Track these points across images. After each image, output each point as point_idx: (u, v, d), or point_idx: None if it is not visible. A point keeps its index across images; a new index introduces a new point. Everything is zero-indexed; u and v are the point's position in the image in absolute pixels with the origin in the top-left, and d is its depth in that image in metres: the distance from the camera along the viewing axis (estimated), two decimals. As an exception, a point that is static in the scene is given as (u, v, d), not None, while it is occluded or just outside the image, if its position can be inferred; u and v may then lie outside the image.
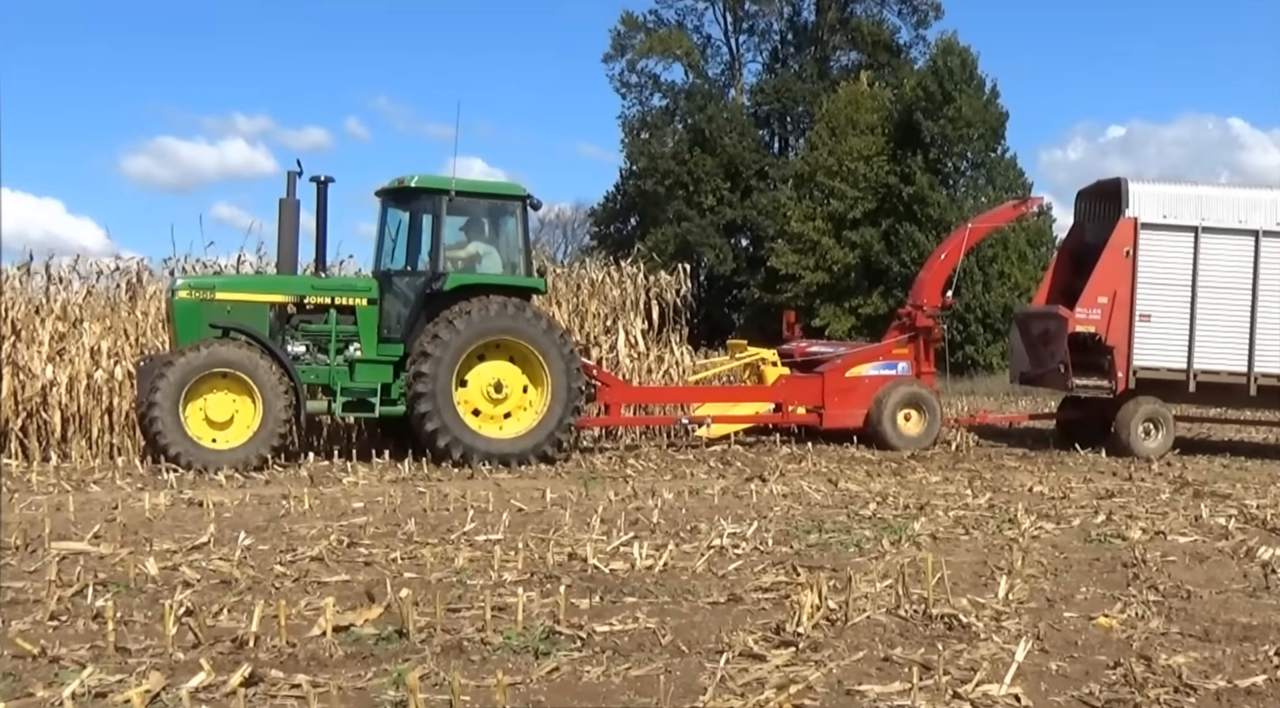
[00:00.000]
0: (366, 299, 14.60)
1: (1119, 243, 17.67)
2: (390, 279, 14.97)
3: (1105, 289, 17.60)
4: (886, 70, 51.05)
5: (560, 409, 14.49)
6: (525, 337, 14.36)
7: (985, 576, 8.01)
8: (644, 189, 50.76)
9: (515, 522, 9.92)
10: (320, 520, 9.90)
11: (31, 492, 11.64)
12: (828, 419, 18.04)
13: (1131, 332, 17.54)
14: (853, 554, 8.80)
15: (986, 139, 43.82)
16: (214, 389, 13.34)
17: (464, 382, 14.33)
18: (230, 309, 13.95)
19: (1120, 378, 17.56)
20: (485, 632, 6.16)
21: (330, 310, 14.42)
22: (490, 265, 15.10)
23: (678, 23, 55.82)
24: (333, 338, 14.33)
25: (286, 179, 14.48)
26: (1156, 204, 17.83)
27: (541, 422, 14.47)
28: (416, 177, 14.80)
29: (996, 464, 16.02)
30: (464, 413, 14.21)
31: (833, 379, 18.25)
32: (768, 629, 6.35)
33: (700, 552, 8.53)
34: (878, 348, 19.17)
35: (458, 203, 14.69)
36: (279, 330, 14.30)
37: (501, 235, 15.34)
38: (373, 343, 14.53)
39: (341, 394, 14.23)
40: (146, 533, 9.14)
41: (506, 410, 14.56)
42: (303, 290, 14.54)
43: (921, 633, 6.37)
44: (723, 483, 13.06)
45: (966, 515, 10.87)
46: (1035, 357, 18.95)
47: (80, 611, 6.54)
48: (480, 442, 14.16)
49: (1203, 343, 17.63)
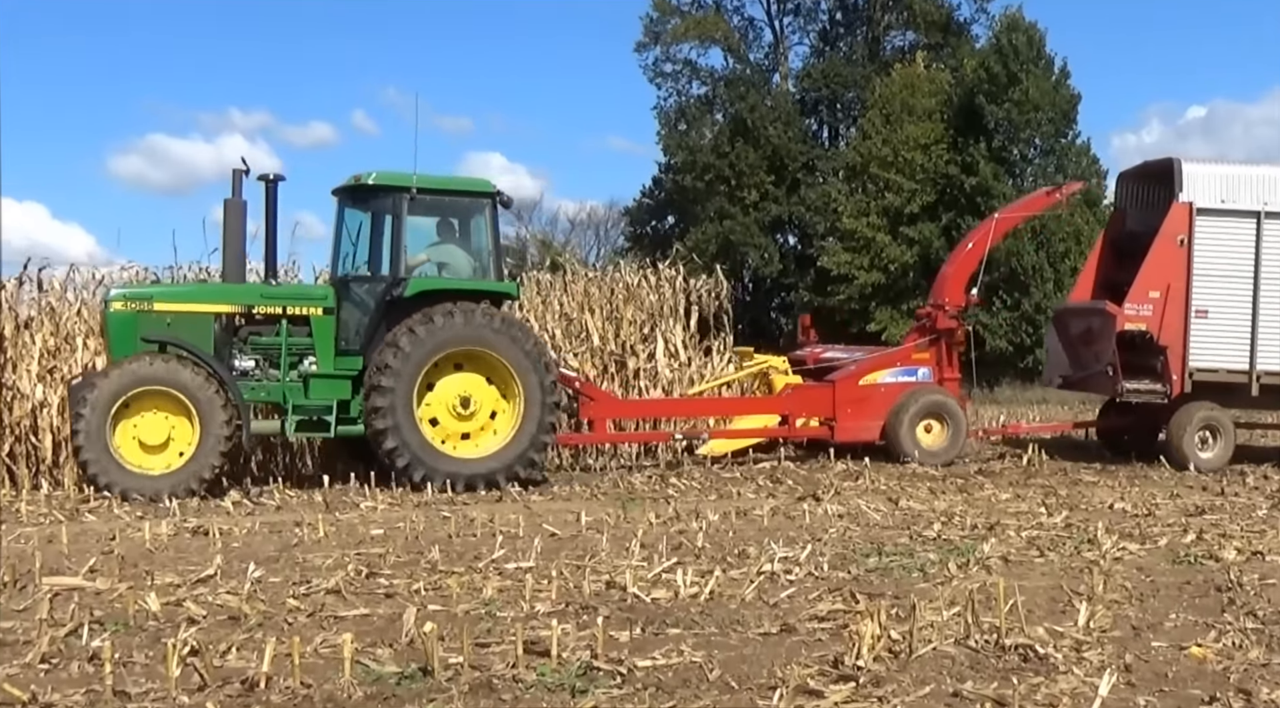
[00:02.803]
0: (322, 308, 14.43)
1: (1172, 230, 17.30)
2: (348, 286, 14.83)
3: (1157, 282, 17.23)
4: (945, 51, 50.78)
5: (534, 426, 14.24)
6: (494, 347, 14.13)
7: (1063, 602, 7.95)
8: (682, 185, 50.72)
9: (548, 548, 9.91)
10: (336, 549, 9.93)
11: (21, 523, 11.69)
12: (840, 432, 17.70)
13: (1187, 329, 17.19)
14: (916, 580, 8.76)
15: (1056, 123, 43.47)
16: (147, 409, 13.21)
17: (428, 394, 14.14)
18: (170, 321, 13.80)
19: (1175, 381, 17.19)
20: (517, 669, 6.15)
21: (282, 321, 14.29)
22: (458, 269, 14.94)
23: (715, 4, 55.80)
24: (283, 351, 14.21)
25: (232, 178, 14.38)
26: (1213, 187, 17.45)
27: (513, 440, 14.21)
28: (374, 173, 14.63)
29: (1072, 479, 15.89)
30: (427, 430, 14.02)
31: (845, 388, 17.92)
32: (825, 663, 6.32)
33: (749, 578, 8.50)
34: (895, 353, 18.89)
35: (420, 201, 14.47)
36: (225, 344, 14.21)
37: (469, 236, 15.16)
38: (329, 356, 14.35)
39: (294, 412, 14.03)
40: (147, 566, 9.18)
41: (474, 428, 14.34)
42: (251, 300, 14.42)
43: (994, 666, 6.31)
44: (773, 503, 13.02)
45: (1041, 536, 10.80)
46: (1077, 358, 18.63)
47: (75, 652, 6.57)
48: (444, 462, 13.94)
49: (1266, 341, 17.27)
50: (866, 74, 50.74)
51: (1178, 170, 17.55)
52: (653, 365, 19.01)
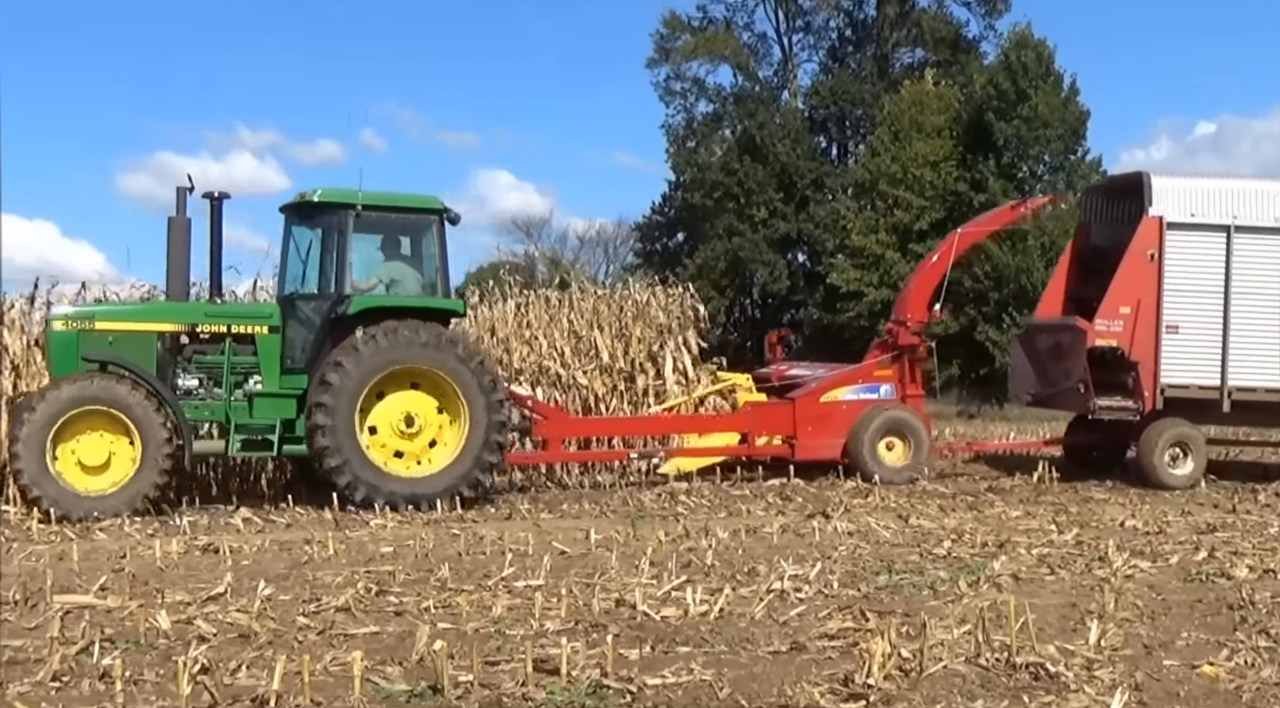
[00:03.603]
0: (267, 327, 14.28)
1: (1142, 245, 17.07)
2: (294, 304, 14.64)
3: (1128, 298, 16.99)
4: (954, 68, 50.86)
5: (479, 446, 14.03)
6: (439, 365, 13.94)
7: (1074, 620, 7.93)
8: (691, 202, 50.80)
9: (557, 565, 9.91)
10: (346, 567, 9.94)
11: (32, 541, 11.72)
12: (800, 450, 17.48)
13: (1158, 345, 16.96)
14: (927, 597, 8.74)
15: (1066, 140, 43.48)
16: (87, 429, 13.14)
17: (373, 413, 13.97)
18: (112, 340, 13.71)
19: (1147, 397, 16.96)
20: (526, 687, 6.16)
21: (226, 340, 14.17)
22: (406, 287, 14.75)
23: (725, 22, 55.91)
24: (226, 369, 14.08)
25: (176, 196, 14.30)
26: (1183, 201, 17.20)
27: (457, 460, 14.02)
28: (320, 190, 14.44)
29: (1083, 496, 15.86)
30: (369, 449, 13.81)
31: (805, 406, 17.72)
32: (835, 681, 6.31)
33: (759, 596, 8.49)
34: (857, 370, 18.60)
35: (366, 218, 14.29)
36: (169, 363, 14.10)
37: (416, 253, 14.96)
38: (275, 374, 14.19)
39: (237, 431, 13.87)
40: (157, 583, 9.20)
41: (419, 447, 14.13)
42: (195, 318, 14.27)
43: (1005, 684, 6.30)
44: (782, 520, 13.00)
45: (1051, 554, 10.78)
46: (1045, 375, 18.36)
47: (85, 670, 6.59)
48: (387, 481, 13.73)
49: (1237, 357, 17.05)
50: (875, 91, 50.82)
51: (1147, 184, 17.32)
52: (662, 382, 19.00)
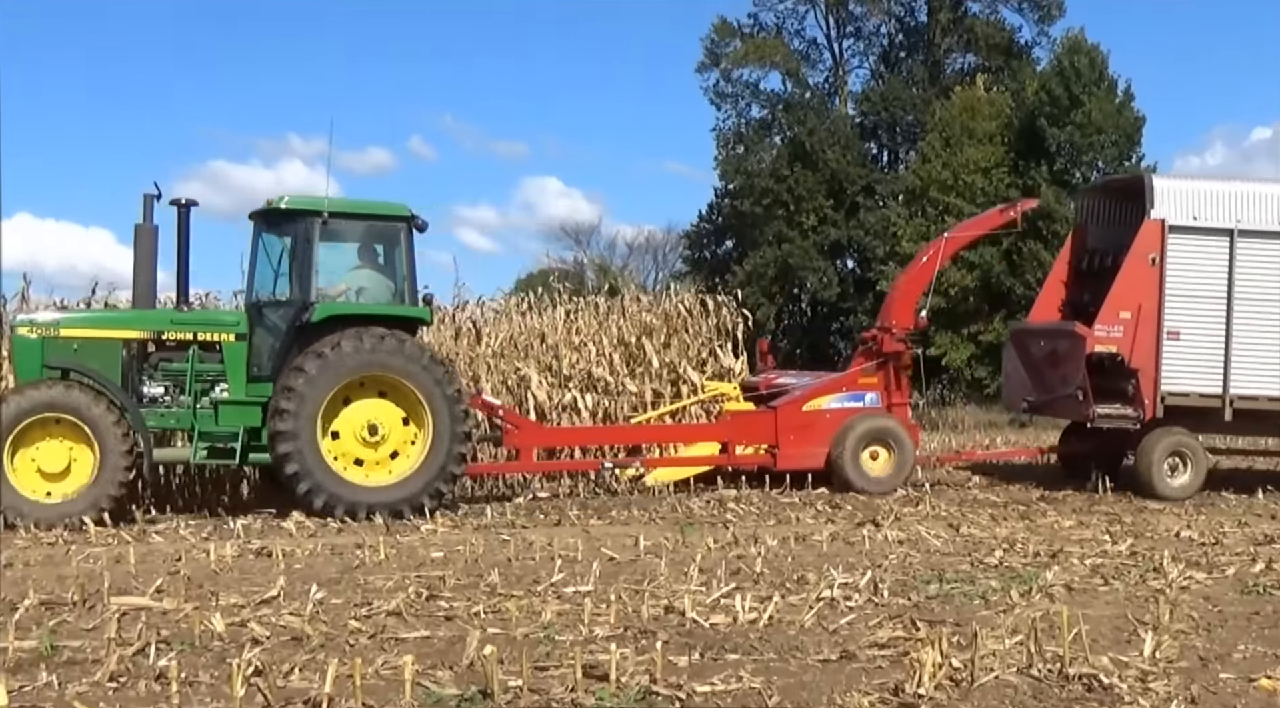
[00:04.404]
0: (234, 334, 14.23)
1: (1143, 249, 16.81)
2: (261, 311, 14.54)
3: (1128, 303, 16.72)
4: (1005, 73, 50.56)
5: (442, 456, 13.92)
6: (402, 373, 13.85)
7: (1128, 631, 7.87)
8: (740, 209, 50.71)
9: (606, 572, 9.93)
10: (397, 572, 10.01)
11: (90, 543, 11.85)
12: (782, 460, 17.23)
13: (1159, 351, 16.69)
14: (978, 607, 8.70)
15: (1120, 146, 43.08)
16: (47, 437, 13.08)
17: (334, 424, 13.89)
18: (77, 347, 13.67)
19: (1147, 405, 16.69)
20: (576, 692, 6.17)
21: (191, 347, 14.12)
22: (376, 294, 14.64)
23: (776, 27, 55.82)
24: (190, 377, 13.98)
25: (143, 203, 14.24)
26: (1186, 203, 16.92)
27: (419, 469, 13.91)
28: (287, 197, 14.43)
29: (1137, 506, 15.72)
30: (331, 457, 13.72)
31: (787, 414, 17.43)
32: (885, 690, 6.29)
33: (809, 604, 8.48)
34: (841, 378, 18.30)
35: (333, 226, 14.24)
36: (134, 370, 14.08)
37: (383, 260, 14.90)
38: (241, 382, 14.12)
39: (200, 439, 13.80)
40: (212, 586, 9.30)
41: (381, 456, 14.02)
42: (161, 326, 14.22)
43: (1057, 695, 6.26)
44: (832, 528, 12.98)
45: (1105, 564, 10.70)
46: (1041, 381, 18.02)
47: (142, 671, 6.66)
48: (348, 490, 13.63)
49: (1240, 364, 16.77)
50: (926, 97, 50.56)
51: (1149, 186, 17.09)
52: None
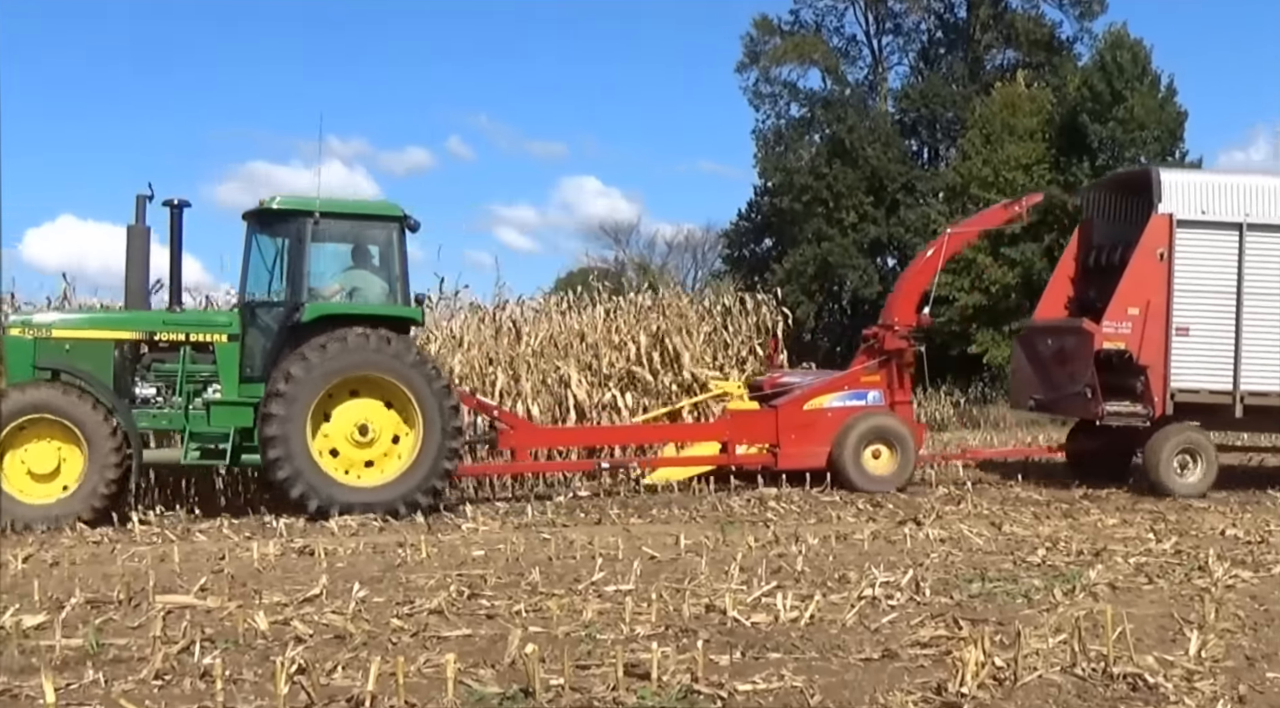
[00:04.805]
0: (226, 335, 14.17)
1: (1151, 244, 16.55)
2: (254, 312, 14.50)
3: (1136, 299, 16.47)
4: (1046, 69, 50.26)
5: (433, 456, 13.85)
6: (393, 373, 13.78)
7: (1173, 630, 7.81)
8: (780, 207, 50.56)
9: (647, 570, 9.94)
10: (439, 570, 10.05)
11: (135, 542, 11.98)
12: (783, 459, 17.03)
13: (1168, 348, 16.43)
14: (1021, 606, 8.65)
15: (1163, 142, 42.71)
16: (37, 438, 13.06)
17: (326, 425, 13.82)
18: (69, 348, 13.65)
19: (1157, 402, 16.45)
20: (617, 691, 6.18)
21: (183, 348, 14.10)
22: (370, 294, 14.57)
23: (815, 25, 55.68)
24: (181, 377, 13.96)
25: (135, 203, 14.21)
26: (1193, 197, 16.68)
27: (410, 469, 13.83)
28: (279, 197, 14.45)
29: (1182, 505, 15.57)
30: (322, 458, 13.65)
31: (789, 413, 17.23)
32: (927, 689, 6.27)
33: (850, 603, 8.45)
34: (843, 376, 17.99)
35: (325, 226, 14.16)
36: (126, 371, 14.08)
37: (375, 260, 14.81)
38: (234, 383, 14.08)
39: (191, 440, 13.77)
40: (255, 585, 9.37)
41: (372, 456, 13.94)
42: (153, 326, 14.21)
43: (1102, 695, 6.22)
44: (873, 527, 12.93)
45: (1149, 563, 10.62)
46: (1049, 379, 17.75)
47: (187, 668, 6.72)
48: (340, 491, 13.53)
49: (1250, 360, 16.55)
50: (967, 93, 50.28)
51: (1156, 180, 16.83)
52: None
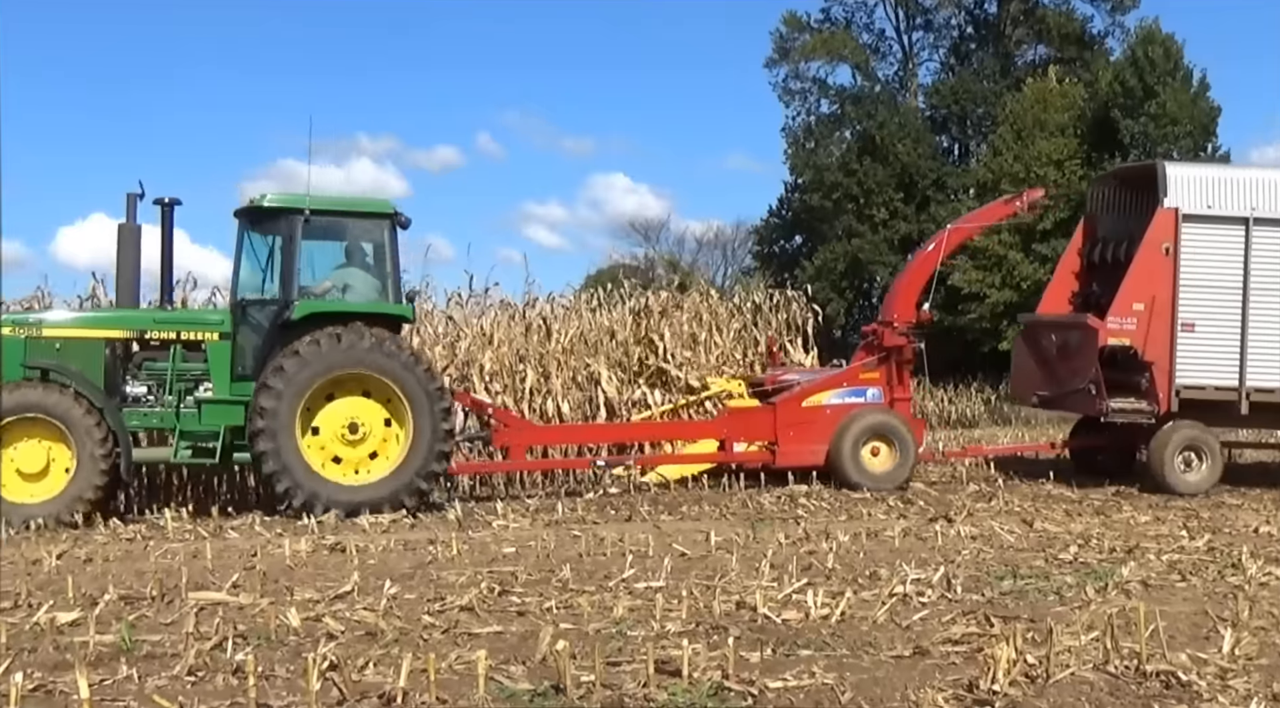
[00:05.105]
0: (218, 333, 14.15)
1: (1157, 238, 16.36)
2: (246, 310, 14.40)
3: (1142, 294, 16.30)
4: (1077, 64, 50.03)
5: (423, 454, 13.76)
6: (383, 371, 13.69)
7: (1207, 628, 7.76)
8: (810, 204, 50.51)
9: (678, 567, 9.93)
10: (469, 567, 10.06)
11: (168, 539, 12.05)
12: (781, 457, 16.88)
13: (1173, 344, 16.29)
14: (1053, 603, 8.62)
15: (1195, 137, 42.47)
16: (25, 437, 13.02)
17: (316, 422, 13.75)
18: (60, 347, 13.63)
19: (1161, 398, 16.27)
20: (648, 688, 6.17)
21: (174, 346, 14.09)
22: (361, 292, 14.48)
23: (845, 21, 55.57)
24: (170, 376, 13.93)
25: (126, 202, 14.19)
26: (1199, 191, 16.49)
27: (400, 467, 13.75)
28: (269, 195, 14.36)
29: (1215, 502, 15.48)
30: (312, 455, 13.58)
31: (787, 410, 17.10)
32: (959, 687, 6.25)
33: (881, 600, 8.43)
34: (842, 373, 17.89)
35: (316, 223, 14.12)
36: (118, 370, 14.08)
37: (367, 258, 14.75)
38: (225, 381, 14.02)
39: (182, 438, 13.79)
40: (287, 582, 9.41)
41: (364, 454, 13.87)
42: (144, 325, 14.19)
43: (1135, 692, 6.19)
44: (904, 524, 12.89)
45: (1182, 560, 10.55)
46: (1053, 375, 17.61)
47: (220, 665, 6.75)
48: (326, 487, 13.47)
49: (1256, 356, 16.35)
50: (998, 89, 50.11)
51: (1161, 174, 16.66)
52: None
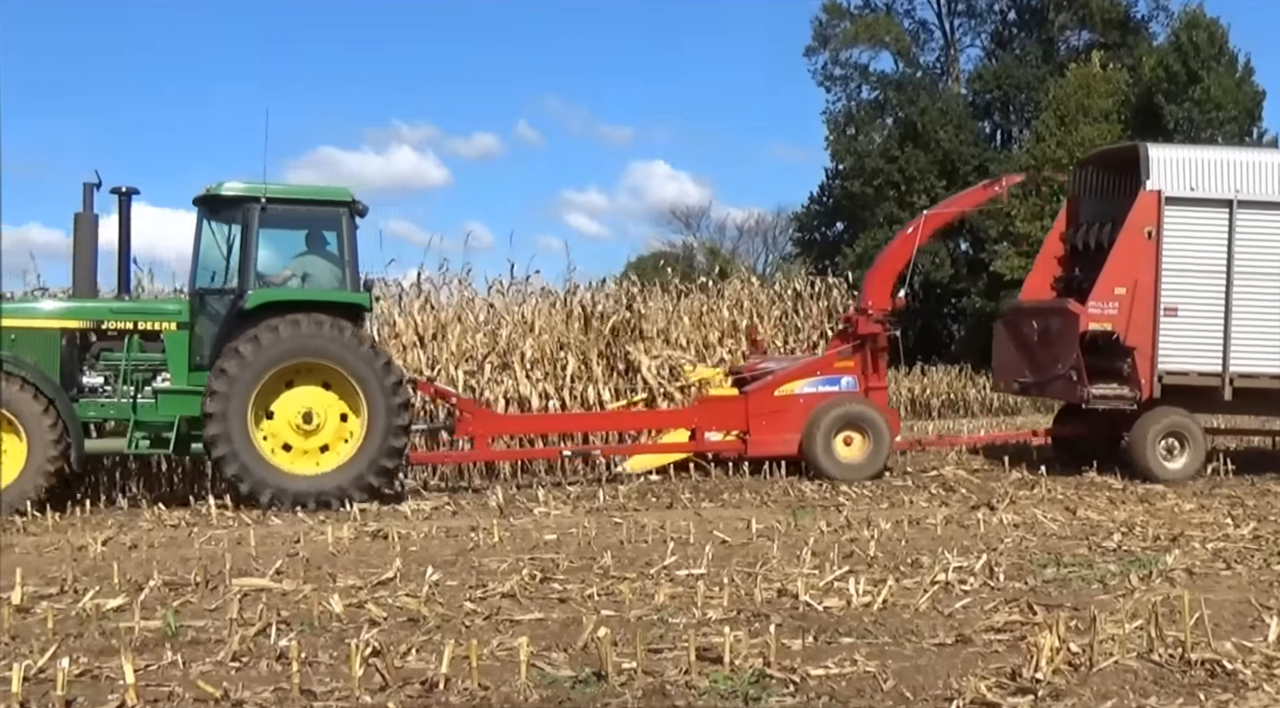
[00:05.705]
0: (175, 323, 14.04)
1: (1139, 221, 16.12)
2: (204, 299, 14.30)
3: (1124, 278, 16.07)
4: (1121, 49, 49.55)
5: (377, 444, 13.64)
6: (338, 360, 13.60)
7: (1252, 616, 7.69)
8: (851, 190, 50.25)
9: (719, 555, 9.92)
10: (511, 554, 10.10)
11: (211, 526, 12.17)
12: (753, 446, 16.68)
13: (1156, 329, 16.05)
14: (1096, 591, 8.56)
15: (1240, 122, 42.00)
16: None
17: (271, 411, 13.67)
18: (15, 337, 13.53)
19: (1144, 384, 16.05)
20: (690, 675, 6.17)
21: (130, 336, 13.98)
22: (321, 280, 14.40)
23: (886, 7, 55.27)
24: (125, 366, 13.82)
25: (83, 191, 14.08)
26: (1183, 173, 16.23)
27: (354, 458, 13.63)
28: (226, 183, 14.13)
29: (1261, 490, 15.33)
30: (261, 443, 13.45)
31: (759, 399, 16.87)
32: (1002, 675, 6.21)
33: (923, 588, 8.40)
34: (816, 362, 17.66)
35: (273, 211, 13.94)
36: (74, 360, 13.99)
37: (324, 246, 14.60)
38: (183, 371, 13.94)
39: (137, 428, 13.69)
40: (330, 568, 9.47)
41: (318, 444, 13.75)
42: (100, 315, 14.12)
43: (1179, 681, 6.14)
44: (946, 511, 12.83)
45: (1227, 548, 10.46)
46: (1034, 361, 17.34)
47: (263, 651, 6.80)
48: (274, 475, 13.36)
49: (1240, 341, 16.10)
50: (1040, 75, 49.67)
51: (1144, 156, 16.37)
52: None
